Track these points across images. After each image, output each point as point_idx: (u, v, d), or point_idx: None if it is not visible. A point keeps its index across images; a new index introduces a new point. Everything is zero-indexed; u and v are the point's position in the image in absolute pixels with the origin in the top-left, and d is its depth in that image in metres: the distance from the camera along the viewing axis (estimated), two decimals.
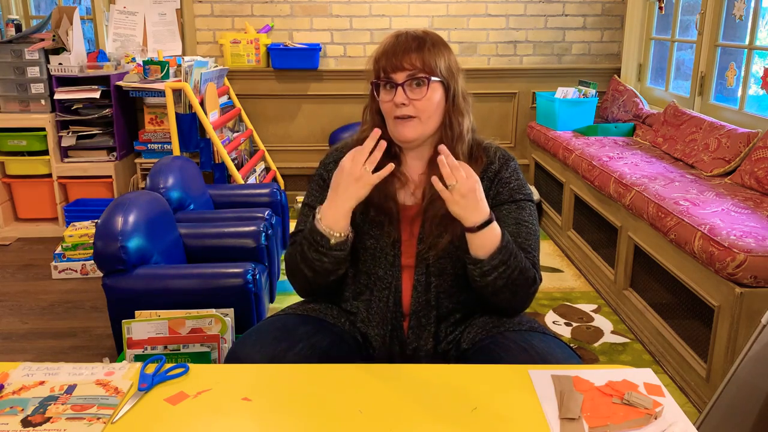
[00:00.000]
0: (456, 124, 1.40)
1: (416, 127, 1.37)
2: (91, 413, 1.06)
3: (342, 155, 1.38)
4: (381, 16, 4.09)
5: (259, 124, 4.20)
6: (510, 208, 1.41)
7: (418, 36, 1.38)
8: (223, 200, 2.84)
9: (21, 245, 3.62)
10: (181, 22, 4.07)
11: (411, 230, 1.41)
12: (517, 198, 1.42)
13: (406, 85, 1.35)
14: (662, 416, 1.05)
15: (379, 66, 1.38)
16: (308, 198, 1.48)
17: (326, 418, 1.05)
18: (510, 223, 1.39)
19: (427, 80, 1.35)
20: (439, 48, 1.38)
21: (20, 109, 3.59)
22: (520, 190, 1.43)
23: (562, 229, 3.54)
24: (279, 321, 1.37)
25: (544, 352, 1.26)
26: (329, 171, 1.44)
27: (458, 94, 1.41)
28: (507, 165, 1.44)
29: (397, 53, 1.35)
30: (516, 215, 1.40)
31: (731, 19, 3.05)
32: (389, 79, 1.36)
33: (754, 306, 1.89)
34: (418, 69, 1.35)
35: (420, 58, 1.35)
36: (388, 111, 1.38)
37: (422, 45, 1.36)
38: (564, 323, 2.65)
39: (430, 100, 1.36)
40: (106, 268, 1.89)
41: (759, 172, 2.45)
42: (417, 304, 1.39)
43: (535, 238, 1.42)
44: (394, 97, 1.35)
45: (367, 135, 1.39)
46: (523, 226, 1.40)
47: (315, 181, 1.49)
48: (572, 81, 4.15)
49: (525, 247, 1.38)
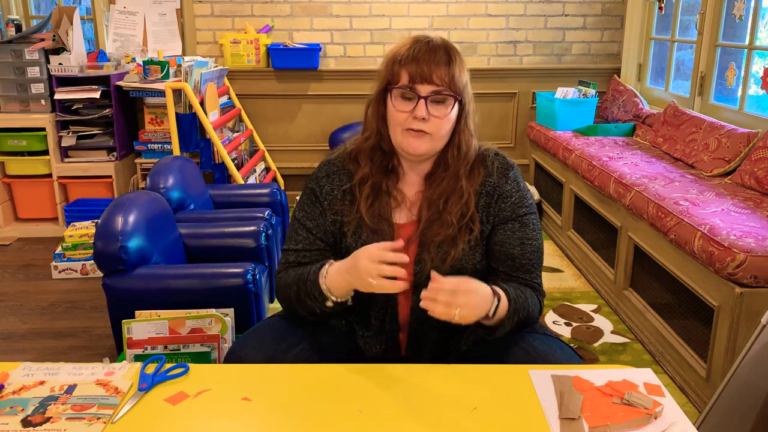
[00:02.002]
0: (463, 144, 1.34)
1: (427, 143, 1.30)
2: (91, 413, 1.06)
3: (334, 168, 1.35)
4: (381, 16, 4.09)
5: (259, 124, 4.20)
6: (513, 227, 1.36)
7: (447, 47, 1.30)
8: (223, 200, 2.84)
9: (21, 245, 3.62)
10: (181, 22, 4.07)
11: (406, 249, 1.33)
12: (520, 213, 1.36)
13: (429, 99, 1.27)
14: (662, 416, 1.06)
15: (403, 70, 1.28)
16: (299, 212, 1.41)
17: (326, 418, 1.05)
18: (515, 244, 1.35)
19: (454, 99, 1.29)
20: (463, 64, 1.32)
21: (20, 109, 3.59)
22: (522, 203, 1.37)
23: (562, 229, 3.54)
24: (278, 321, 1.36)
25: (545, 353, 1.26)
26: (321, 186, 1.39)
27: (470, 114, 1.35)
28: (506, 176, 1.37)
29: (428, 62, 1.27)
30: (520, 234, 1.35)
31: (731, 19, 3.05)
32: (413, 89, 1.27)
33: (754, 306, 1.89)
34: (446, 85, 1.27)
35: (449, 73, 1.28)
36: (399, 120, 1.29)
37: (452, 60, 1.29)
38: (564, 323, 2.65)
39: (449, 120, 1.30)
40: (106, 268, 1.89)
41: (759, 172, 2.45)
42: (413, 318, 1.37)
43: (539, 254, 1.39)
44: (414, 109, 1.27)
45: (371, 143, 1.34)
46: (527, 245, 1.36)
47: (306, 195, 1.42)
48: (572, 81, 4.15)
49: (529, 268, 1.36)
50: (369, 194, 1.35)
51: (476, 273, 1.35)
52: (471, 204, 1.34)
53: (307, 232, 1.38)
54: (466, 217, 1.33)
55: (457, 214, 1.32)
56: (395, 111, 1.30)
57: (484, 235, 1.36)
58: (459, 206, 1.33)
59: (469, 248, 1.34)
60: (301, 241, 1.39)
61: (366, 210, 1.34)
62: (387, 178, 1.37)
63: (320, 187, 1.39)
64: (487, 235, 1.37)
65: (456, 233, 1.32)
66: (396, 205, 1.38)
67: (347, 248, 1.34)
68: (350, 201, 1.37)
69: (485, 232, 1.36)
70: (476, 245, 1.35)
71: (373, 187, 1.35)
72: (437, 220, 1.32)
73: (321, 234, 1.38)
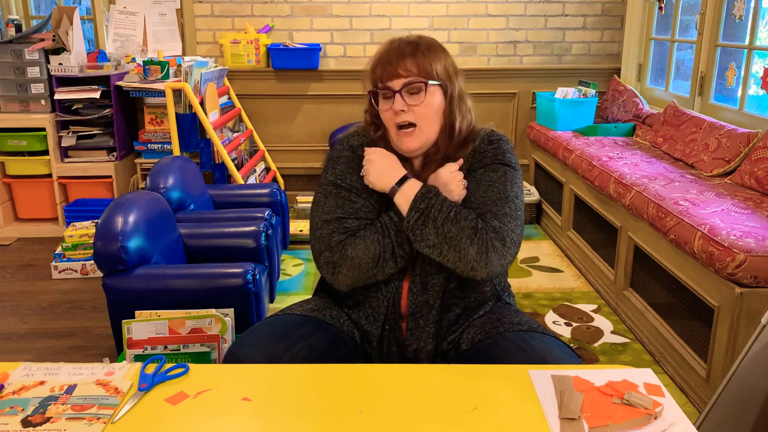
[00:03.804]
0: (455, 127, 1.39)
1: (419, 137, 1.36)
2: (91, 413, 1.06)
3: (363, 139, 1.43)
4: (381, 16, 4.09)
5: (259, 124, 4.20)
6: (479, 173, 1.36)
7: (412, 41, 1.37)
8: (223, 200, 2.84)
9: (21, 245, 3.62)
10: (181, 22, 4.07)
11: None
12: (488, 163, 1.37)
13: (403, 91, 1.33)
14: (662, 416, 1.05)
15: (375, 75, 1.36)
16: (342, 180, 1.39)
17: (326, 418, 1.05)
18: (477, 188, 1.34)
19: (425, 85, 1.33)
20: (434, 51, 1.37)
21: (20, 109, 3.59)
22: (496, 156, 1.37)
23: (562, 229, 3.54)
24: (278, 321, 1.37)
25: (544, 353, 1.26)
26: (357, 154, 1.41)
27: (456, 96, 1.39)
28: (489, 140, 1.40)
29: (391, 60, 1.34)
30: (484, 177, 1.35)
31: (731, 19, 3.05)
32: (386, 87, 1.34)
33: (754, 306, 1.89)
34: (414, 74, 1.33)
35: (415, 63, 1.33)
36: (389, 120, 1.37)
37: (416, 50, 1.35)
38: (564, 323, 2.65)
39: (429, 105, 1.35)
40: (106, 268, 1.89)
41: (759, 172, 2.45)
42: (414, 306, 1.38)
43: (506, 200, 1.31)
44: (392, 104, 1.34)
45: (380, 134, 1.42)
46: (490, 189, 1.33)
47: (345, 163, 1.41)
48: (572, 81, 4.15)
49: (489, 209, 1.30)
50: None
51: None
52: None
53: (363, 200, 1.39)
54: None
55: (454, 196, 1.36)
56: (382, 112, 1.38)
57: None
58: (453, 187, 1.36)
59: None
60: (360, 209, 1.38)
61: None
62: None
63: (358, 156, 1.41)
64: None
65: None
66: None
67: None
68: None
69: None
70: None
71: None
72: None
73: (371, 199, 1.39)
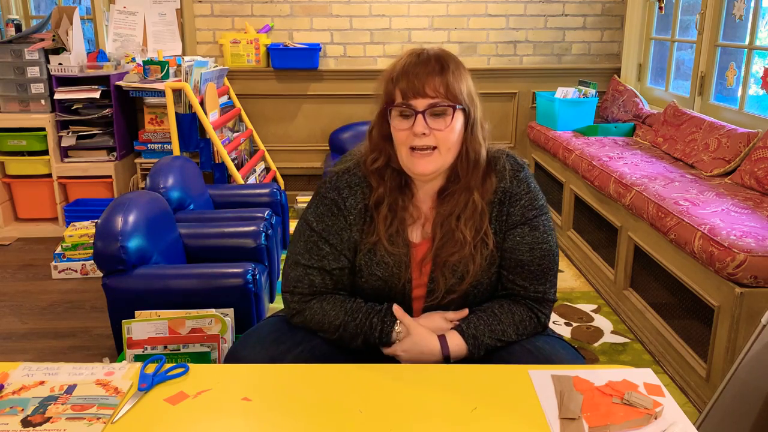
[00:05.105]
0: (473, 154, 1.29)
1: (436, 161, 1.25)
2: (91, 413, 1.06)
3: (355, 180, 1.32)
4: (381, 16, 4.09)
5: (259, 124, 4.20)
6: (523, 231, 1.31)
7: (440, 57, 1.24)
8: (223, 200, 2.84)
9: (21, 245, 3.62)
10: (181, 22, 4.07)
11: (421, 268, 1.33)
12: (529, 217, 1.31)
13: (427, 113, 1.22)
14: (662, 416, 1.06)
15: (396, 89, 1.24)
16: (317, 224, 1.33)
17: (326, 418, 1.05)
18: (524, 250, 1.31)
19: (453, 109, 1.23)
20: (461, 71, 1.26)
21: (20, 109, 3.59)
22: (533, 204, 1.32)
23: (562, 229, 3.53)
24: (279, 322, 1.36)
25: (549, 353, 1.25)
26: (344, 198, 1.32)
27: (477, 122, 1.29)
28: (516, 178, 1.32)
29: (419, 75, 1.21)
30: (529, 239, 1.31)
31: (731, 19, 3.05)
32: (408, 104, 1.22)
33: (754, 306, 1.88)
34: (442, 95, 1.22)
35: (444, 83, 1.22)
36: (402, 140, 1.24)
37: (445, 68, 1.23)
38: (564, 323, 2.65)
39: (453, 131, 1.24)
40: (106, 268, 1.89)
41: (759, 172, 2.45)
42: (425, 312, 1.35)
43: (551, 257, 1.33)
44: (413, 125, 1.22)
45: (379, 165, 1.30)
46: (537, 250, 1.31)
47: (326, 205, 1.33)
48: (572, 81, 4.15)
49: (539, 275, 1.31)
50: (387, 215, 1.31)
51: (493, 286, 1.35)
52: (485, 219, 1.30)
53: (331, 247, 1.31)
54: (480, 232, 1.30)
55: (471, 230, 1.29)
56: (396, 131, 1.26)
57: (499, 247, 1.33)
58: (472, 222, 1.29)
59: (486, 264, 1.31)
60: (326, 257, 1.31)
61: (384, 231, 1.30)
62: (402, 195, 1.32)
63: (343, 200, 1.32)
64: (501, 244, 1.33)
65: (471, 251, 1.29)
66: (411, 222, 1.34)
67: (359, 267, 1.32)
68: (370, 219, 1.32)
69: (499, 243, 1.33)
70: (492, 260, 1.32)
71: (390, 207, 1.31)
72: (450, 240, 1.28)
73: (345, 250, 1.32)
